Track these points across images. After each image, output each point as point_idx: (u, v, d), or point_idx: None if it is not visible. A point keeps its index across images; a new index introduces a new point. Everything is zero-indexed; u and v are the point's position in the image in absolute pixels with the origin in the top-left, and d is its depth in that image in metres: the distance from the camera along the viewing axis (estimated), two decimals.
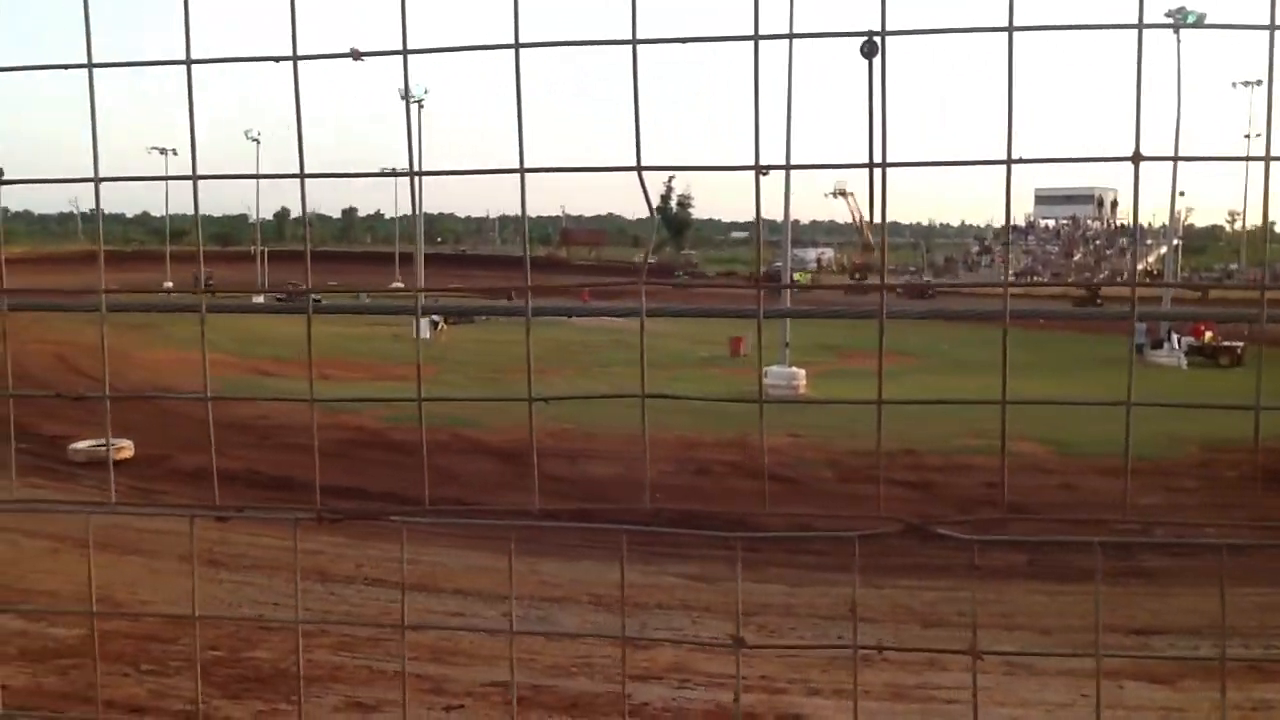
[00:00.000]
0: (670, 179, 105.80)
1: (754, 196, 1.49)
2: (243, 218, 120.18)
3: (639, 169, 1.50)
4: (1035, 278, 77.43)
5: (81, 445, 20.66)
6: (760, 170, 1.37)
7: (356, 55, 1.46)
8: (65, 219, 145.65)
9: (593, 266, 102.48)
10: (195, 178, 1.60)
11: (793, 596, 12.92)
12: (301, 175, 1.69)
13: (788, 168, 1.51)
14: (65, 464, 20.11)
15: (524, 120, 1.50)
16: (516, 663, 10.15)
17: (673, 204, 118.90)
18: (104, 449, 20.49)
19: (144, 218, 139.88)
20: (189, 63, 1.57)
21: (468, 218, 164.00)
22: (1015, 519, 1.58)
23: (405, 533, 2.36)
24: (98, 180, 1.60)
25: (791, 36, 1.51)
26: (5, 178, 1.47)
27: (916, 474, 18.70)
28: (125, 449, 20.55)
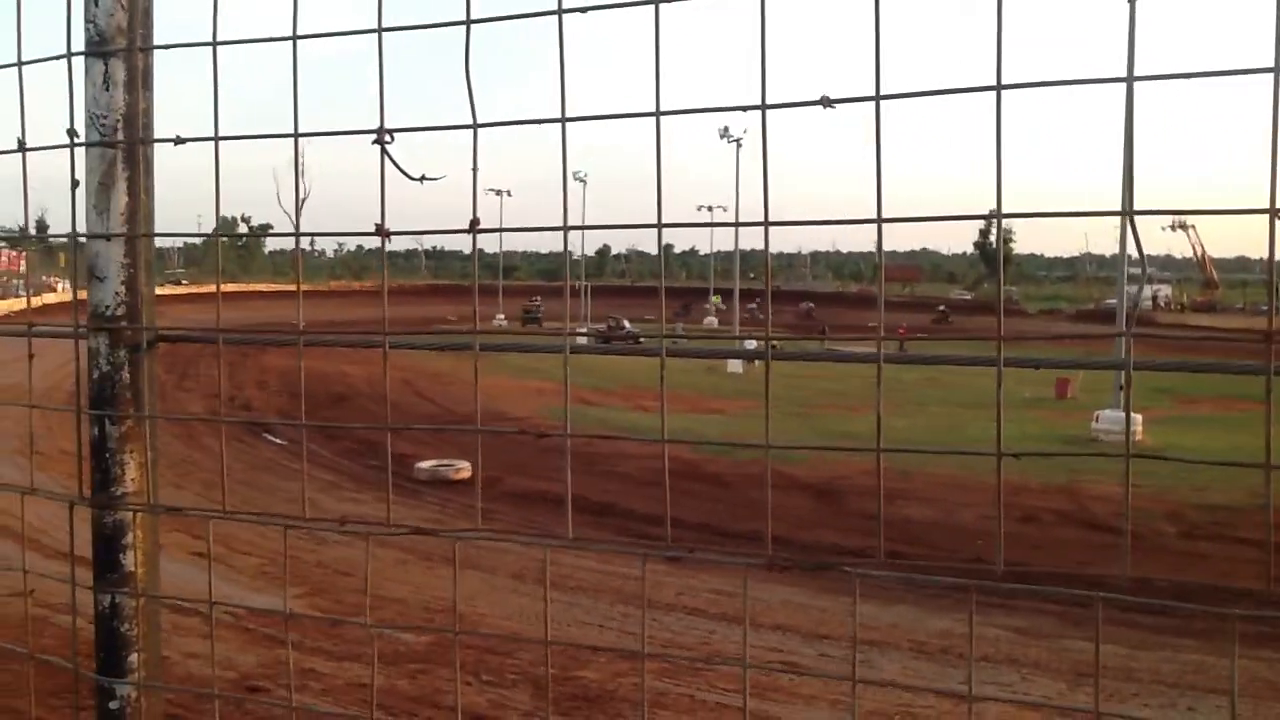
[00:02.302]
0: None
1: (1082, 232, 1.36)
2: (567, 254, 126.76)
3: (1129, 212, 1.36)
4: None
5: (425, 465, 22.29)
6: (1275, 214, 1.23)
7: (827, 102, 1.48)
8: (410, 255, 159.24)
9: (905, 303, 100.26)
10: (565, 228, 1.65)
11: (1133, 659, 11.98)
12: (659, 226, 1.74)
13: (1126, 213, 1.35)
14: (411, 481, 21.73)
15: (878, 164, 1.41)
16: (835, 705, 10.01)
17: (991, 239, 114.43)
18: (446, 468, 22.13)
19: (479, 254, 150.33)
20: (564, 121, 1.60)
21: (779, 254, 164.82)
22: None
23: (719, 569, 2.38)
24: (483, 230, 1.71)
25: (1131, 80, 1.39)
26: (389, 229, 1.60)
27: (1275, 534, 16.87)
28: (463, 470, 22.00)
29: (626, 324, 54.53)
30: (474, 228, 1.53)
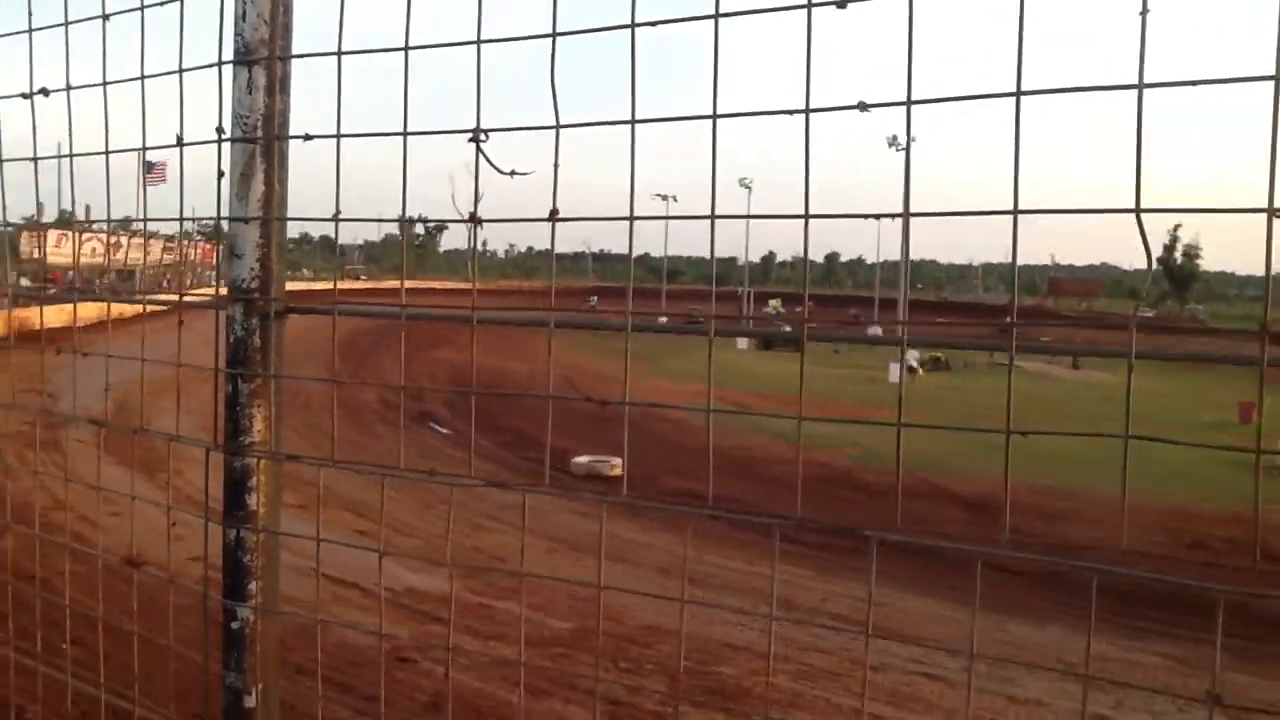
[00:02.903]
0: (1176, 226, 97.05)
1: (1264, 244, 1.40)
2: (732, 260, 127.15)
3: (1137, 210, 1.41)
4: None
5: (582, 460, 22.79)
6: (1275, 213, 1.28)
7: (863, 106, 1.59)
8: (577, 257, 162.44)
9: (1082, 319, 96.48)
10: (713, 217, 1.80)
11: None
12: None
13: (1135, 211, 1.36)
14: (567, 475, 22.26)
15: (1019, 162, 1.44)
16: None
17: (1177, 254, 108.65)
18: (601, 464, 22.59)
19: (644, 258, 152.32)
20: (714, 117, 1.75)
21: (950, 264, 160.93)
22: None
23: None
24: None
25: None
26: (560, 216, 1.78)
27: None
28: (618, 466, 22.38)
29: (787, 326, 54.20)
30: (554, 217, 1.72)
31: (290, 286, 2.13)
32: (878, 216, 1.74)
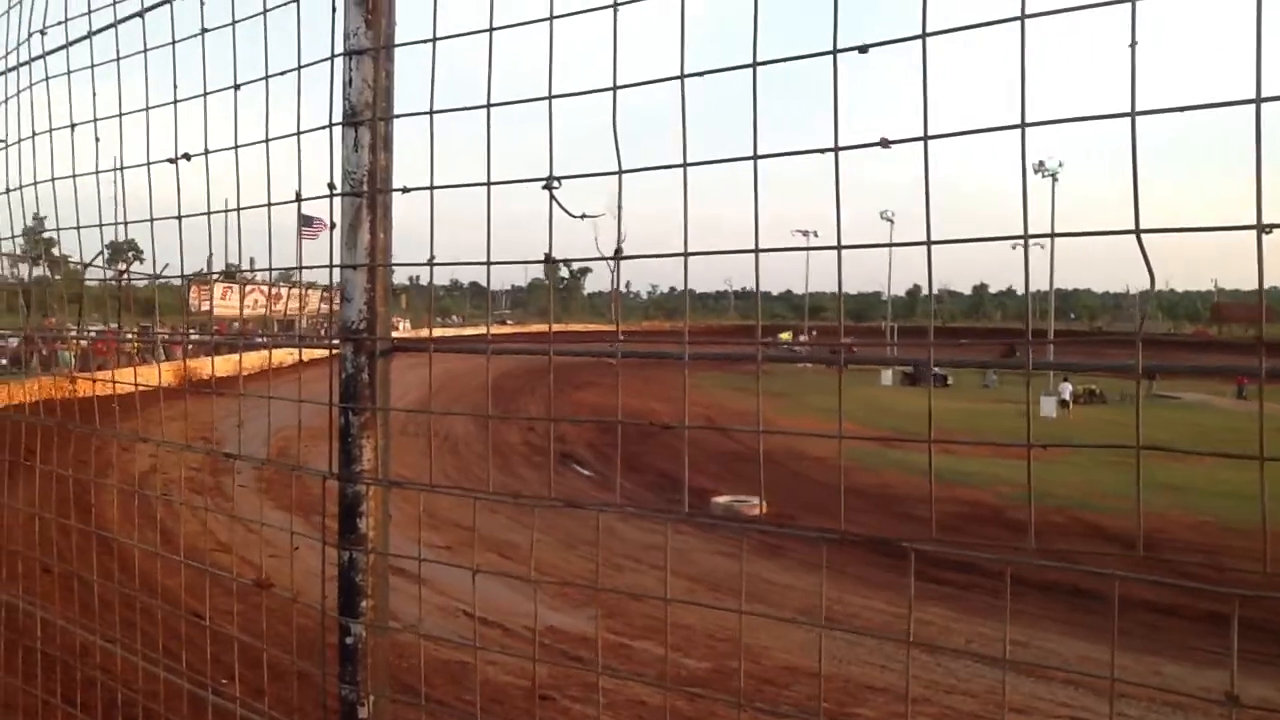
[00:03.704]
0: None
1: None
2: (876, 294, 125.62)
3: (1137, 231, 1.42)
4: None
5: (721, 500, 22.78)
6: (1265, 229, 1.31)
7: (885, 143, 1.66)
8: (720, 296, 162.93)
9: (1251, 346, 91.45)
10: (839, 247, 1.84)
11: None
12: (927, 242, 1.92)
13: (1135, 232, 1.39)
14: (707, 515, 22.25)
15: (1026, 184, 1.49)
16: None
17: None
18: (740, 504, 22.54)
19: (787, 295, 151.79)
20: (835, 150, 1.82)
21: (1105, 293, 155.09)
22: None
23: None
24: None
25: None
26: (624, 255, 1.90)
27: None
28: (757, 506, 22.31)
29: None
30: (618, 255, 1.84)
31: (439, 332, 2.31)
32: (893, 246, 1.80)
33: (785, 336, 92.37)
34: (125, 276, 3.96)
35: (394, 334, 2.21)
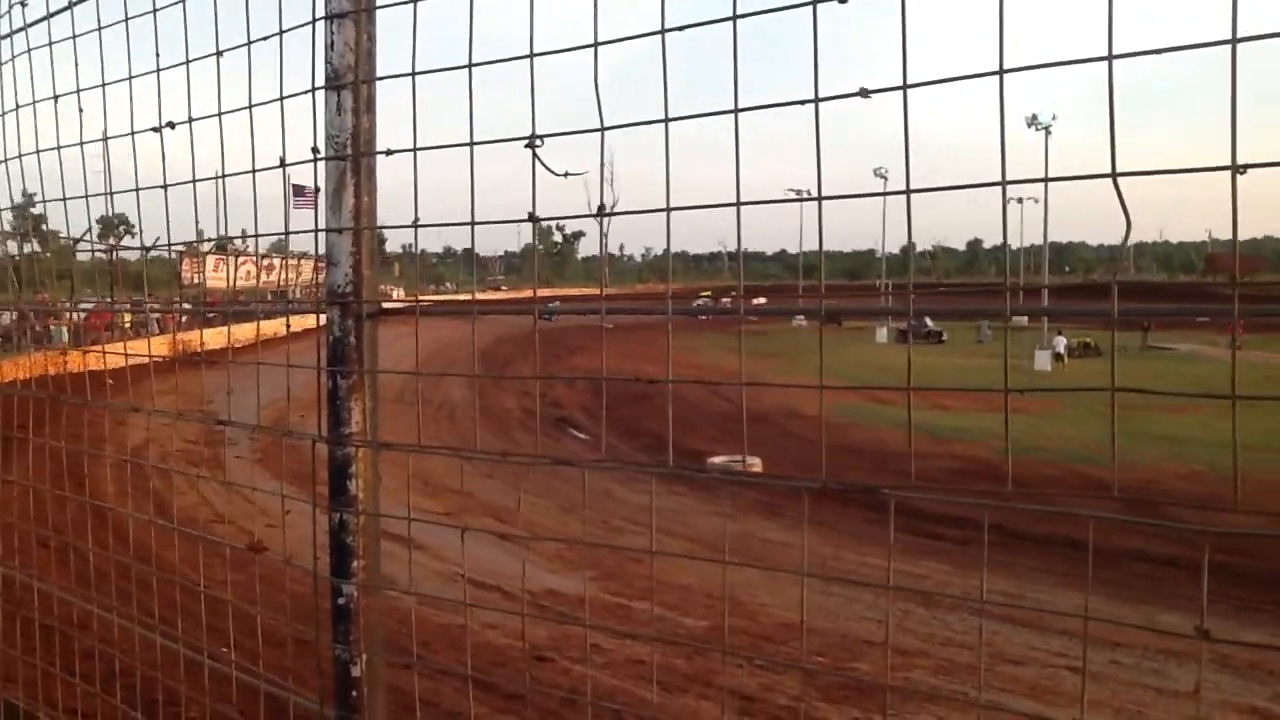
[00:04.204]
0: None
1: None
2: (870, 252, 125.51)
3: (1114, 175, 1.43)
4: None
5: (717, 460, 22.90)
6: (1238, 170, 1.31)
7: (864, 93, 1.66)
8: (714, 257, 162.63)
9: (1245, 297, 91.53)
10: (820, 199, 1.84)
11: None
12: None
13: (1112, 175, 1.40)
14: (704, 474, 22.39)
15: (1005, 132, 1.47)
16: (1119, 714, 9.59)
17: None
18: (738, 463, 22.64)
19: (781, 255, 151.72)
20: (815, 101, 1.83)
21: (1100, 245, 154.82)
22: None
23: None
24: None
25: None
26: (607, 212, 1.91)
27: None
28: (754, 465, 22.40)
29: (929, 322, 52.78)
30: (601, 212, 1.85)
31: (426, 297, 2.32)
32: (872, 196, 1.81)
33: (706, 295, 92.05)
34: (115, 251, 3.95)
35: (388, 302, 2.21)
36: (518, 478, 20.09)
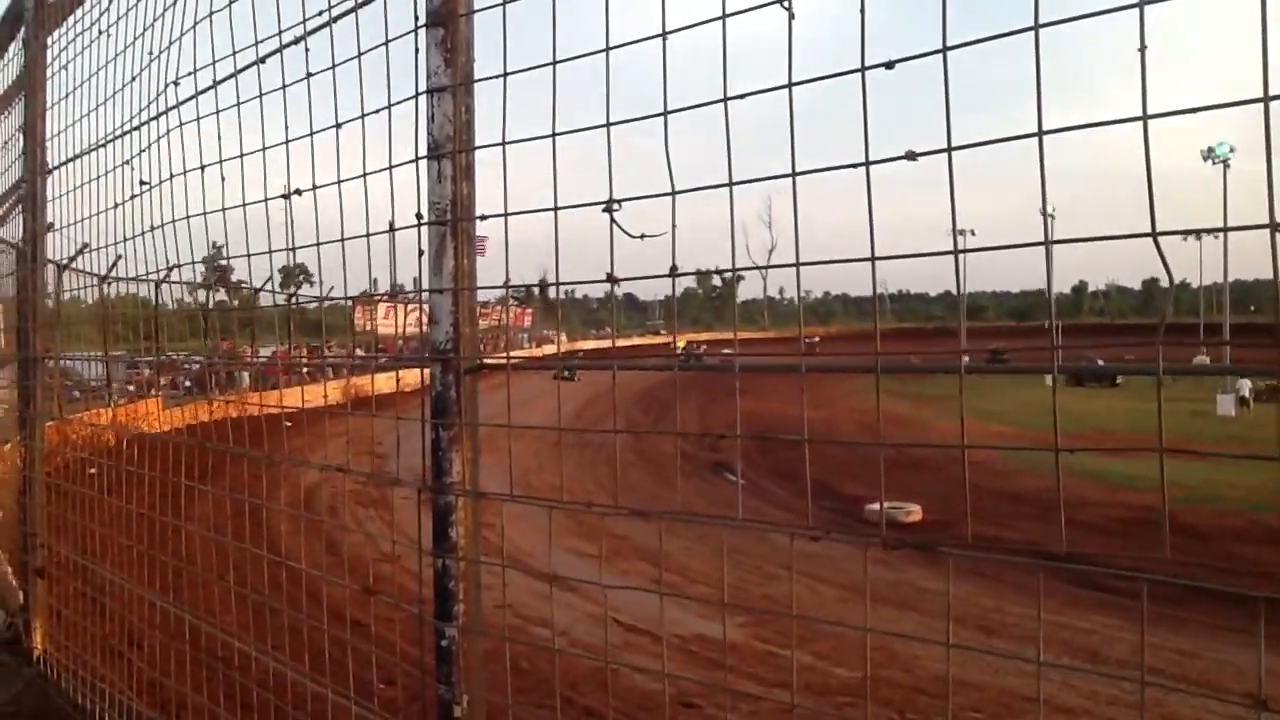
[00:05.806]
0: None
1: None
2: (1039, 292, 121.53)
3: (1154, 234, 1.43)
4: None
5: (876, 506, 22.44)
6: (1276, 228, 1.27)
7: (911, 156, 1.68)
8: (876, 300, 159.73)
9: None
10: (956, 251, 1.87)
11: None
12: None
13: (1153, 235, 1.36)
14: (860, 523, 22.00)
15: (1046, 195, 1.49)
16: None
17: None
18: (896, 510, 22.18)
19: (945, 296, 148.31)
20: (866, 165, 1.85)
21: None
22: None
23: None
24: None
25: None
26: (679, 272, 1.97)
27: None
28: (914, 513, 21.91)
29: (1100, 361, 50.49)
30: (673, 273, 1.92)
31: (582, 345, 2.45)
32: (918, 256, 1.81)
33: (682, 343, 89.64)
34: (295, 300, 4.20)
35: (549, 346, 2.33)
36: (677, 524, 20.04)
